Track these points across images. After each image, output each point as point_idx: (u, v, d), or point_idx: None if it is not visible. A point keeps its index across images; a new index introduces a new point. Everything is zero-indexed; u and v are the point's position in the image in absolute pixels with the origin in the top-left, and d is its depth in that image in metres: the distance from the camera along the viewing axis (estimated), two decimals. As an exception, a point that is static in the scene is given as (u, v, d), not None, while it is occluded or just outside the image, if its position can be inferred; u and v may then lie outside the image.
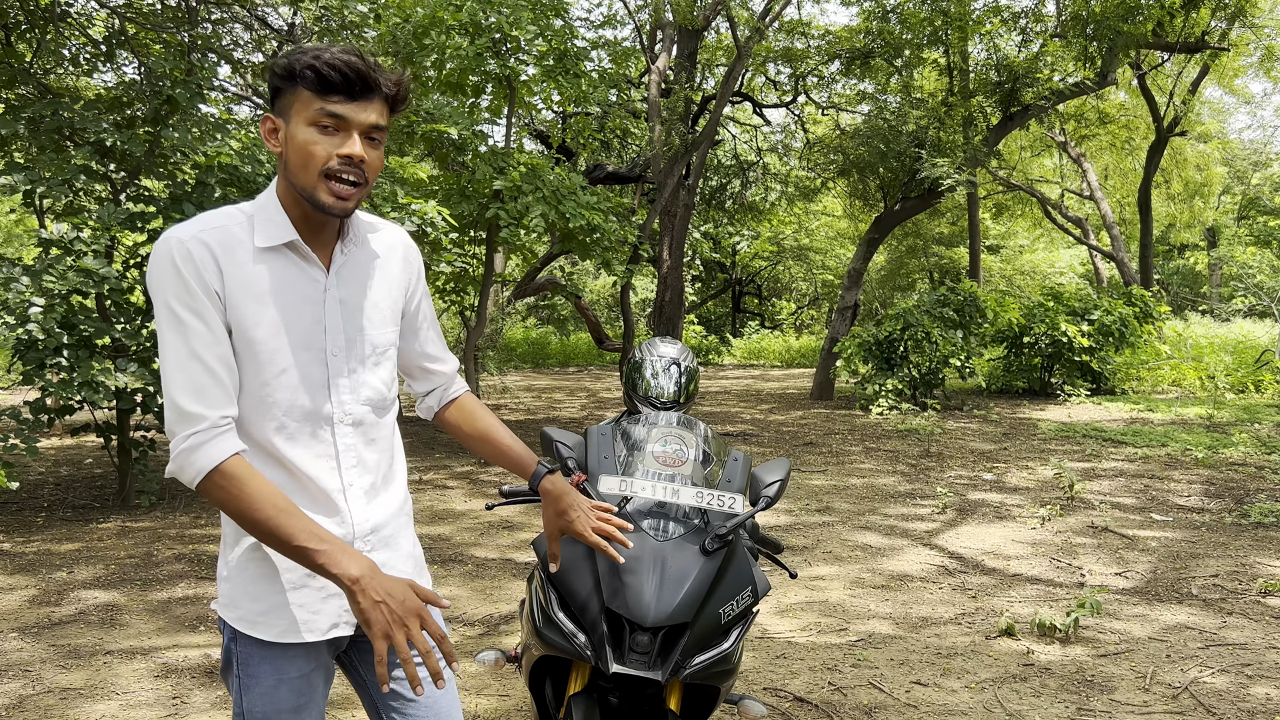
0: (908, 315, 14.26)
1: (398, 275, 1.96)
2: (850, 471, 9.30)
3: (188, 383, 1.67)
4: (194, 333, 1.68)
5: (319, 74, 1.68)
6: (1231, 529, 6.86)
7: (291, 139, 1.72)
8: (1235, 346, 18.98)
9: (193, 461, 1.65)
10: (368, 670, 1.96)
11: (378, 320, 1.89)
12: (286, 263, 1.78)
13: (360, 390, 1.86)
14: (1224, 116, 32.02)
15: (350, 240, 1.86)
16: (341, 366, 1.83)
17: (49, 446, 10.61)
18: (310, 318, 1.79)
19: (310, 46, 1.72)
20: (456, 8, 9.20)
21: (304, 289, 1.79)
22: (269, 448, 1.78)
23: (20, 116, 7.06)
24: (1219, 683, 4.15)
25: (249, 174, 7.34)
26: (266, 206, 1.78)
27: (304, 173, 1.72)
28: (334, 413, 1.82)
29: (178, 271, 1.68)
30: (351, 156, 1.70)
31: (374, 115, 1.73)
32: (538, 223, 9.27)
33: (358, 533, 1.86)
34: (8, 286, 6.28)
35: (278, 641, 1.80)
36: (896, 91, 17.55)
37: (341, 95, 1.70)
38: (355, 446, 1.86)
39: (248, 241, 1.75)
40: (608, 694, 2.43)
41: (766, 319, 34.52)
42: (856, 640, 4.71)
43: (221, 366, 1.70)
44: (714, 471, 2.59)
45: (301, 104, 1.71)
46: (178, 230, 1.72)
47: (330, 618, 1.84)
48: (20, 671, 4.22)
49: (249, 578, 1.80)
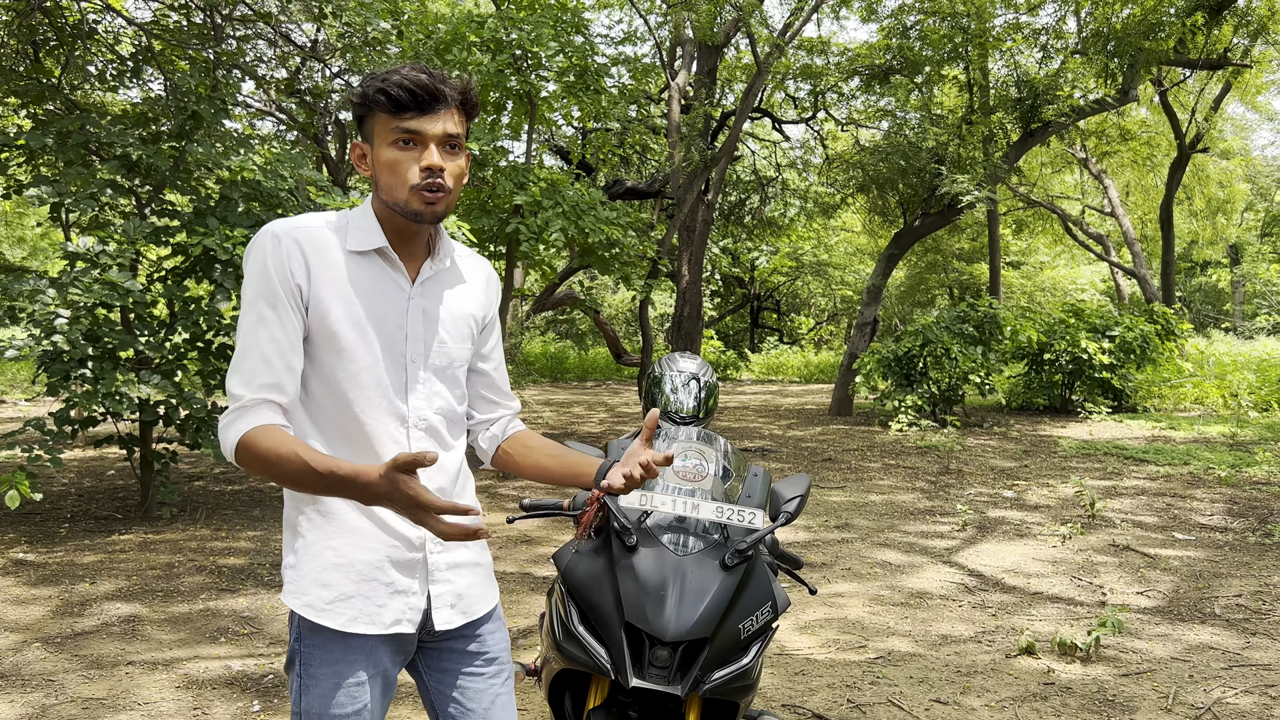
0: (927, 331, 14.21)
1: (479, 300, 2.05)
2: (869, 488, 9.27)
3: (243, 366, 1.78)
4: (267, 323, 1.79)
5: (389, 95, 1.78)
6: (1255, 548, 6.79)
7: (378, 160, 1.83)
8: (1259, 364, 18.81)
9: (225, 439, 1.74)
10: (433, 677, 2.01)
11: (455, 335, 1.97)
12: (375, 268, 1.87)
13: (434, 399, 1.94)
14: (1247, 133, 31.85)
15: (438, 257, 1.95)
16: (418, 373, 1.91)
17: (72, 458, 10.70)
18: (393, 322, 1.88)
19: (381, 71, 1.82)
20: (478, 24, 9.28)
21: (390, 294, 1.88)
22: (352, 439, 1.86)
23: (48, 131, 7.16)
24: (1242, 703, 4.10)
25: (272, 189, 7.40)
26: (361, 216, 1.89)
27: (394, 189, 1.82)
28: (409, 416, 1.90)
29: (264, 263, 1.79)
30: (432, 167, 1.79)
31: (447, 125, 1.82)
32: (557, 237, 9.31)
33: (428, 533, 1.89)
34: (34, 299, 6.35)
35: (342, 630, 1.85)
36: (916, 108, 17.54)
37: (413, 111, 1.79)
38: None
39: (340, 244, 1.86)
40: (627, 708, 2.43)
41: (785, 334, 34.45)
42: (876, 658, 4.68)
43: (278, 357, 1.79)
44: (734, 486, 2.59)
45: (380, 126, 1.81)
46: (274, 224, 1.83)
47: (394, 613, 1.88)
48: (43, 682, 4.25)
49: (320, 566, 1.86)
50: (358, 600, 1.85)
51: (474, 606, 2.00)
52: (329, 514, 1.86)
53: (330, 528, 1.86)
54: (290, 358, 1.80)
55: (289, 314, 1.79)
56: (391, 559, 1.88)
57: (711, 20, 14.28)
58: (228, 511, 7.98)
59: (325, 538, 1.86)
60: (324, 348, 1.83)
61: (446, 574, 1.95)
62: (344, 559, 1.85)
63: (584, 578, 2.35)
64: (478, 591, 2.01)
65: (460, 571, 1.97)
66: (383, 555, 1.87)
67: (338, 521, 1.86)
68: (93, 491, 8.79)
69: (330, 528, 1.86)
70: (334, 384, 1.84)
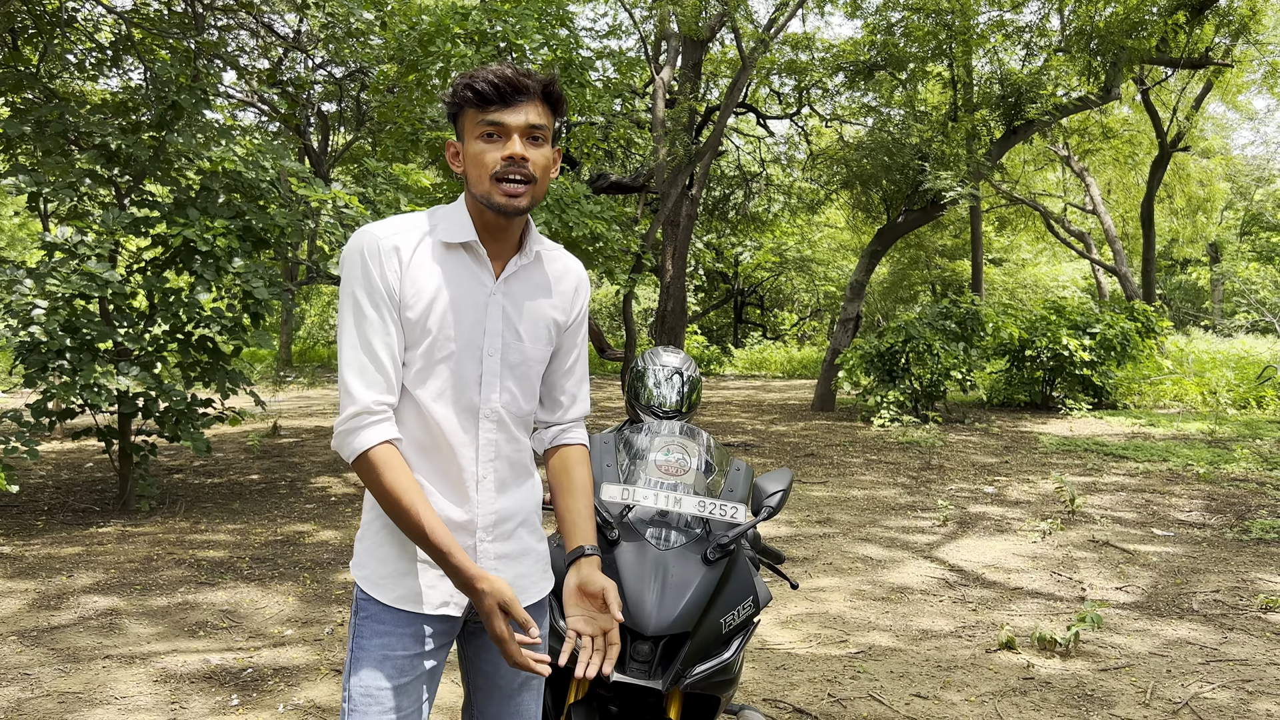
0: (910, 328, 14.25)
1: (564, 301, 2.07)
2: (851, 483, 9.29)
3: (357, 363, 1.86)
4: (370, 322, 1.86)
5: (475, 90, 1.85)
6: (1233, 544, 6.85)
7: (467, 155, 1.90)
8: (1237, 362, 18.97)
9: (348, 442, 1.83)
10: (471, 650, 2.08)
11: (533, 335, 2.00)
12: (461, 262, 1.94)
13: (505, 394, 1.98)
14: (1227, 132, 32.05)
15: (525, 255, 1.99)
16: (494, 367, 1.95)
17: (50, 450, 10.62)
18: (474, 316, 1.93)
19: (470, 71, 1.89)
20: (463, 16, 9.23)
21: (472, 288, 1.94)
22: (422, 424, 1.92)
23: (26, 119, 7.08)
24: (1220, 698, 4.13)
25: (253, 180, 7.35)
26: (455, 210, 1.97)
27: (479, 181, 1.88)
28: (481, 407, 1.95)
29: (365, 266, 1.86)
30: (514, 156, 1.84)
31: (530, 116, 1.87)
32: (541, 231, 9.28)
33: (480, 523, 1.96)
34: (11, 289, 6.29)
35: (393, 606, 1.92)
36: (900, 104, 17.57)
37: (498, 104, 1.85)
38: (496, 443, 1.97)
39: (432, 239, 1.93)
40: (607, 703, 2.43)
41: (768, 330, 34.51)
42: (856, 652, 4.70)
43: (388, 356, 1.87)
44: (716, 481, 2.59)
45: (469, 122, 1.89)
46: (373, 227, 1.91)
47: (443, 595, 1.95)
48: (19, 675, 4.21)
49: (378, 541, 1.94)
50: (409, 579, 1.93)
51: (519, 597, 2.02)
52: None
53: None
54: (398, 359, 1.89)
55: (389, 313, 1.87)
56: None
57: (696, 14, 14.27)
58: (207, 504, 7.93)
59: (383, 517, 1.93)
60: (411, 341, 1.90)
61: (493, 563, 1.98)
62: (399, 538, 1.93)
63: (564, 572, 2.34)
64: (524, 583, 2.04)
65: (507, 562, 2.01)
66: None
67: None
68: (70, 484, 8.72)
69: None
70: (415, 374, 1.90)
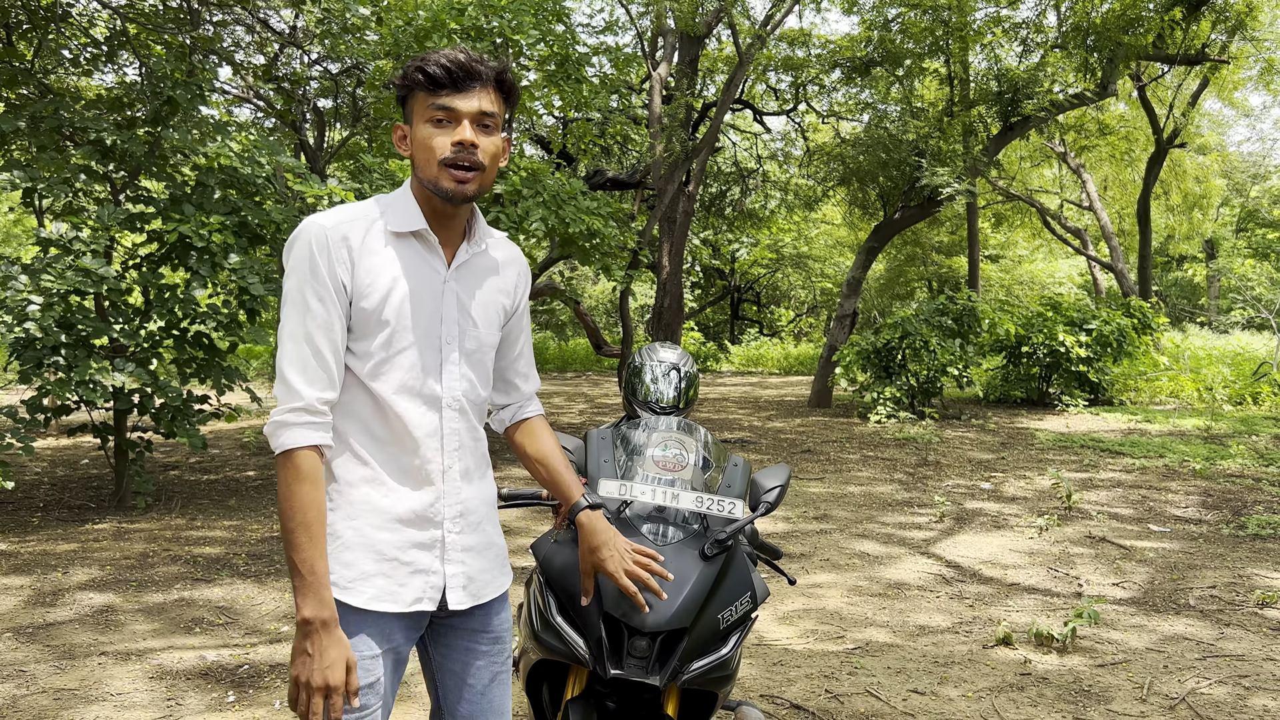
0: (906, 324, 14.25)
1: (509, 287, 2.10)
2: (848, 479, 9.30)
3: (299, 358, 1.84)
4: (315, 316, 1.84)
5: (426, 74, 1.84)
6: (1229, 540, 6.85)
7: (414, 138, 1.89)
8: (1233, 358, 18.98)
9: (279, 435, 1.82)
10: (437, 651, 2.07)
11: (484, 321, 2.03)
12: (413, 250, 1.93)
13: (462, 382, 1.99)
14: (1223, 129, 32.10)
15: (474, 242, 2.01)
16: (452, 355, 1.97)
17: (45, 446, 10.59)
18: (430, 305, 1.94)
19: (422, 54, 1.88)
20: (459, 12, 9.21)
21: (426, 276, 1.94)
22: (383, 419, 1.91)
23: (21, 115, 7.06)
24: (1217, 694, 4.14)
25: (249, 175, 7.33)
26: (401, 198, 1.95)
27: (427, 165, 1.87)
28: (443, 396, 1.96)
29: (313, 257, 1.84)
30: (463, 142, 1.84)
31: (482, 103, 1.87)
32: (538, 227, 9.27)
33: (448, 513, 1.97)
34: (5, 285, 6.27)
35: (365, 609, 1.89)
36: (897, 101, 17.57)
37: (449, 89, 1.84)
38: (459, 432, 1.99)
39: (382, 227, 1.91)
40: (605, 699, 2.42)
41: (765, 326, 34.52)
42: (854, 648, 4.70)
43: (330, 352, 1.86)
44: (714, 477, 2.58)
45: (419, 105, 1.87)
46: (319, 217, 1.88)
47: (415, 592, 1.94)
48: (14, 672, 4.20)
49: (342, 545, 1.90)
50: (379, 579, 1.90)
51: (484, 590, 2.05)
52: (351, 496, 1.91)
53: (352, 508, 1.91)
54: (341, 354, 1.88)
55: (336, 309, 1.85)
56: (412, 540, 1.93)
57: (693, 10, 14.26)
58: (203, 501, 7.92)
59: (346, 518, 1.91)
60: (364, 333, 1.89)
61: (461, 555, 1.99)
62: (365, 539, 1.90)
63: (563, 568, 2.34)
64: (488, 576, 2.06)
65: (474, 555, 2.02)
66: (403, 536, 1.92)
67: (360, 502, 1.91)
68: (66, 480, 8.70)
69: (352, 508, 1.91)
70: (372, 367, 1.89)
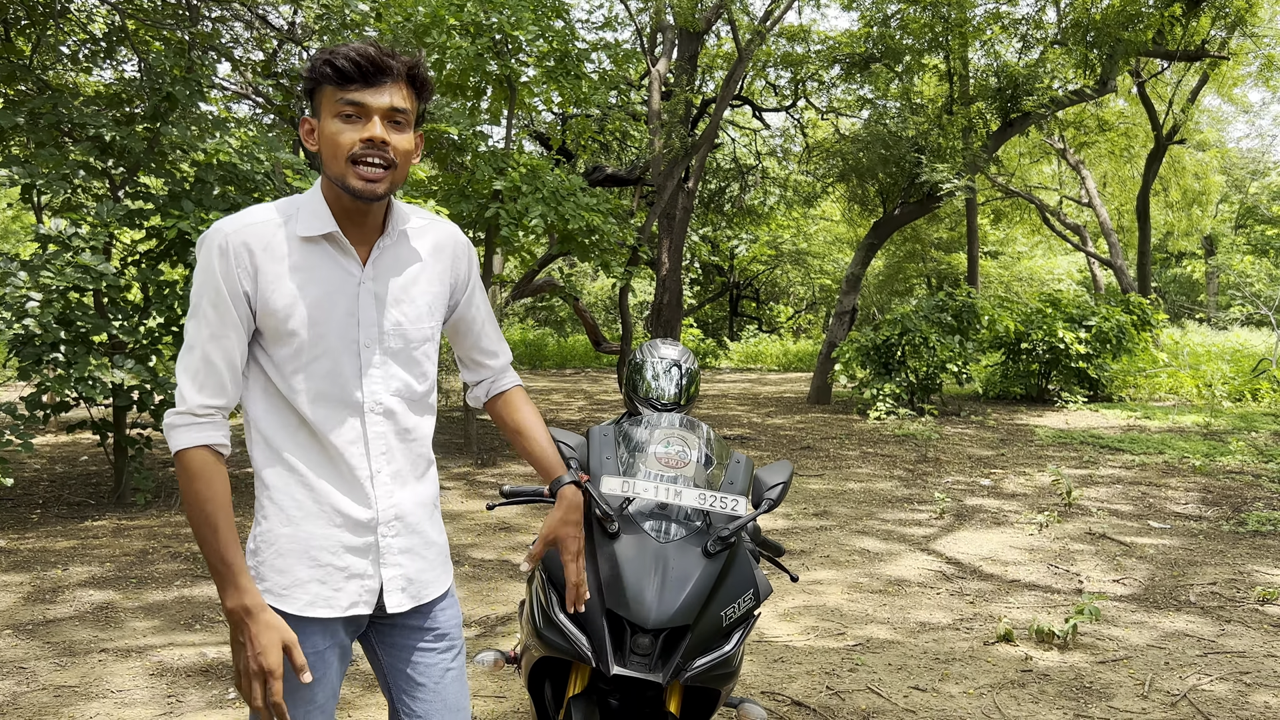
0: (906, 320, 14.25)
1: (442, 271, 2.03)
2: (848, 476, 9.29)
3: (190, 366, 1.82)
4: (208, 324, 1.81)
5: (335, 67, 1.78)
6: (1229, 537, 6.85)
7: (322, 133, 1.82)
8: (1232, 355, 18.98)
9: (170, 438, 1.81)
10: (385, 652, 2.03)
11: (413, 315, 1.96)
12: (324, 254, 1.87)
13: (390, 382, 1.93)
14: (1222, 125, 32.04)
15: (390, 234, 1.93)
16: (373, 358, 1.90)
17: (45, 443, 10.58)
18: (344, 309, 1.87)
19: (330, 47, 1.83)
20: (458, 8, 9.19)
21: (339, 280, 1.87)
22: (307, 427, 1.87)
23: (20, 111, 7.04)
24: (1218, 690, 4.14)
25: (248, 172, 7.32)
26: (311, 200, 1.88)
27: (334, 162, 1.81)
28: (364, 401, 1.90)
29: (211, 265, 1.80)
30: (373, 139, 1.78)
31: (394, 98, 1.81)
32: (537, 223, 9.25)
33: (382, 518, 1.93)
34: (5, 282, 6.25)
35: (300, 615, 1.88)
36: (896, 97, 17.54)
37: (358, 84, 1.79)
38: (386, 435, 1.93)
39: (289, 233, 1.85)
40: (608, 696, 2.42)
41: (764, 323, 34.49)
42: (855, 645, 4.69)
43: (223, 360, 1.82)
44: (716, 473, 2.58)
45: (327, 99, 1.81)
46: (224, 223, 1.83)
47: (351, 596, 1.91)
48: (14, 669, 4.19)
49: (275, 552, 1.88)
50: (314, 585, 1.88)
51: (424, 591, 2.01)
52: (282, 502, 1.88)
53: (284, 515, 1.88)
54: (235, 362, 1.84)
55: (233, 317, 1.81)
56: (345, 544, 1.90)
57: (692, 6, 14.23)
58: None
59: (280, 525, 1.88)
60: (276, 343, 1.84)
61: (398, 558, 1.96)
62: (298, 545, 1.88)
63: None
64: (429, 576, 2.02)
65: (411, 556, 1.98)
66: (336, 541, 1.89)
67: (291, 508, 1.88)
68: (65, 477, 8.69)
69: (284, 515, 1.88)
70: (287, 377, 1.85)
